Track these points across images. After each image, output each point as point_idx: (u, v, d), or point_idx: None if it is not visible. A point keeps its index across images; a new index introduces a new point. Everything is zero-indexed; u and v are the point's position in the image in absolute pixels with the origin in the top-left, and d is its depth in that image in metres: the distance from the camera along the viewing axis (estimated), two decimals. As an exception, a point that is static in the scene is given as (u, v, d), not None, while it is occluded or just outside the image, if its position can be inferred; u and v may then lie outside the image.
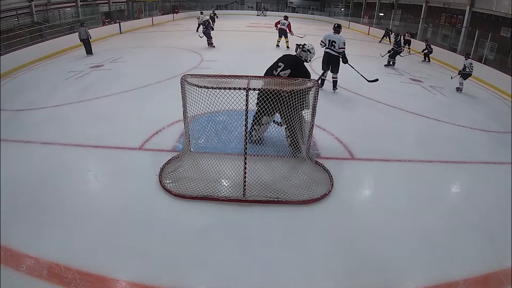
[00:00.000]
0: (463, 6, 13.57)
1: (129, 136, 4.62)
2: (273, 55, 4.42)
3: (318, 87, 3.52)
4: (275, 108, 3.37)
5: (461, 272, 2.61)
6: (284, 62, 4.07)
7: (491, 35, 11.09)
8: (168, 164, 3.88)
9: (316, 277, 2.54)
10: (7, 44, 9.37)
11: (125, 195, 3.41)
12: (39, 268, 2.47)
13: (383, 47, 14.68)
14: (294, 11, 32.51)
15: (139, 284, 2.40)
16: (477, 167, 4.41)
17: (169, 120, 5.06)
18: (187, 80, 3.38)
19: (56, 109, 5.66)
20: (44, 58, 9.91)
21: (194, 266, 2.59)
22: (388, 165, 4.24)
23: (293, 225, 3.07)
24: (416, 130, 5.48)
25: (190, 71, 7.30)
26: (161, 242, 2.81)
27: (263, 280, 2.49)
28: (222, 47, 11.73)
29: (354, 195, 3.67)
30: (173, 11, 25.02)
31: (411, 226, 3.16)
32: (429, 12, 16.77)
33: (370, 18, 23.07)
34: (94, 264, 2.52)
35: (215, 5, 29.42)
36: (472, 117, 6.22)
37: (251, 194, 3.33)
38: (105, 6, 18.66)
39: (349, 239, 2.94)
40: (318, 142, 4.61)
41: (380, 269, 2.63)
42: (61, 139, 4.50)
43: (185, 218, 3.11)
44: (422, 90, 8.04)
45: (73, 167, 3.90)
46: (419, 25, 16.32)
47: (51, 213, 3.10)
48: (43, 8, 14.07)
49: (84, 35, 10.01)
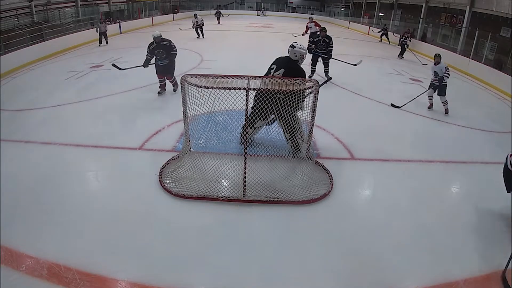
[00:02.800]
0: (463, 6, 13.56)
1: (129, 136, 4.63)
2: (273, 55, 4.42)
3: (318, 87, 3.52)
4: (271, 110, 3.37)
5: (461, 272, 2.61)
6: (276, 64, 4.14)
7: (491, 35, 11.09)
8: (168, 164, 3.88)
9: (316, 277, 2.55)
10: (7, 44, 9.37)
11: (125, 195, 3.41)
12: (39, 268, 2.47)
13: (384, 47, 14.70)
14: (294, 11, 32.53)
15: (139, 284, 2.40)
16: (477, 167, 4.41)
17: (169, 120, 5.06)
18: (187, 80, 3.38)
19: (56, 109, 5.66)
20: (44, 58, 9.91)
21: (194, 266, 2.59)
22: (388, 165, 4.24)
23: (293, 225, 3.07)
24: (416, 130, 5.48)
25: (190, 71, 7.30)
26: (161, 242, 2.81)
27: (263, 280, 2.49)
28: (222, 47, 11.73)
29: (354, 195, 3.67)
30: (173, 11, 25.03)
31: (411, 226, 3.16)
32: (429, 12, 16.75)
33: (370, 18, 23.06)
34: (94, 264, 2.52)
35: (215, 5, 29.41)
36: (472, 117, 6.22)
37: (251, 194, 3.33)
38: (105, 6, 18.65)
39: (349, 239, 2.94)
40: (318, 142, 4.61)
41: (380, 269, 2.63)
42: (61, 139, 4.50)
43: (185, 218, 3.11)
44: (422, 90, 8.01)
45: (73, 167, 3.90)
46: (419, 25, 16.30)
47: (51, 213, 3.11)
48: (43, 8, 14.05)
49: (103, 29, 12.15)
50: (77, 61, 9.50)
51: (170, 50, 6.06)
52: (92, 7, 17.19)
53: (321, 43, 7.52)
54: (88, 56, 10.14)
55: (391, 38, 15.59)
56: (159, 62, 6.10)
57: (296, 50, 4.05)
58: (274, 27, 19.95)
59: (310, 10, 32.14)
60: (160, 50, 6.00)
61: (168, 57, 6.07)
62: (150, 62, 6.11)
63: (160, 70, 6.21)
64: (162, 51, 6.00)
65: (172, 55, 6.10)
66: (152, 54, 6.05)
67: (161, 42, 6.01)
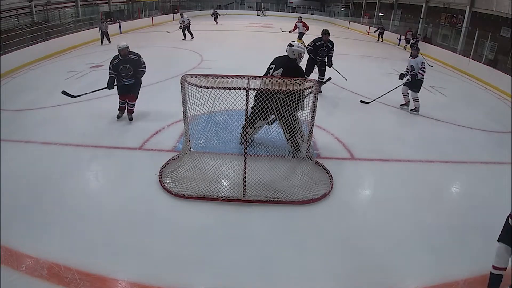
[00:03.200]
0: (463, 6, 13.56)
1: (129, 136, 4.63)
2: (273, 55, 4.42)
3: (318, 87, 3.52)
4: (271, 110, 3.38)
5: (461, 272, 2.61)
6: (275, 63, 4.17)
7: (491, 35, 11.09)
8: (168, 164, 3.89)
9: (316, 277, 2.54)
10: (7, 44, 9.37)
11: (125, 195, 3.41)
12: (39, 268, 2.47)
13: (383, 47, 14.70)
14: (294, 11, 32.52)
15: (139, 284, 2.40)
16: (477, 167, 4.41)
17: (169, 120, 5.06)
18: (187, 80, 3.38)
19: (56, 109, 5.66)
20: (44, 58, 9.91)
21: (194, 266, 2.59)
22: (388, 165, 4.24)
23: (293, 225, 3.07)
24: (416, 130, 5.48)
25: (190, 71, 7.29)
26: (161, 242, 2.81)
27: (263, 280, 2.49)
28: (222, 47, 11.74)
29: (354, 195, 3.67)
30: (173, 11, 25.03)
31: (411, 226, 3.16)
32: (429, 12, 16.76)
33: (370, 18, 23.06)
34: (94, 264, 2.52)
35: (215, 5, 29.42)
36: (472, 117, 6.21)
37: (251, 194, 3.33)
38: (105, 6, 18.66)
39: (349, 239, 2.94)
40: (318, 142, 4.61)
41: (380, 269, 2.63)
42: (61, 139, 4.50)
43: (185, 218, 3.12)
44: (422, 90, 8.01)
45: (73, 167, 3.90)
46: (419, 25, 16.30)
47: (51, 213, 3.11)
48: (43, 8, 14.06)
49: (104, 28, 12.44)
50: (77, 61, 9.50)
51: (138, 66, 4.93)
52: (92, 7, 17.20)
53: (323, 48, 6.67)
54: (88, 56, 10.15)
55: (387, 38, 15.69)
56: (124, 81, 4.93)
57: (294, 49, 4.06)
58: (274, 27, 19.95)
59: (310, 10, 32.17)
60: (127, 66, 4.84)
61: (135, 75, 4.96)
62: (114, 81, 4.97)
63: (124, 91, 5.02)
64: (129, 67, 4.85)
65: (140, 73, 4.99)
66: (116, 70, 4.86)
67: (128, 55, 4.85)
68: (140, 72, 4.98)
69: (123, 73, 4.87)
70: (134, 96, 5.07)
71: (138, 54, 5.00)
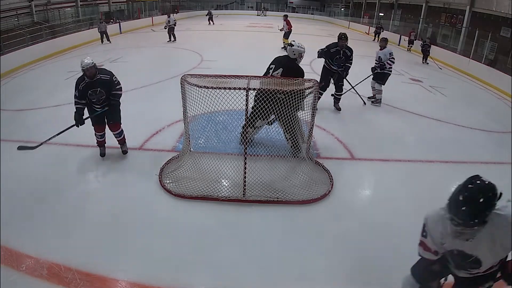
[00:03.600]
0: (463, 6, 13.57)
1: (129, 136, 4.61)
2: (273, 55, 4.42)
3: (318, 87, 3.52)
4: (271, 110, 3.38)
5: (461, 272, 2.61)
6: (275, 63, 4.16)
7: (491, 35, 11.10)
8: (168, 164, 3.89)
9: (316, 277, 2.55)
10: (7, 44, 9.38)
11: (125, 195, 3.41)
12: (39, 268, 2.47)
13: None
14: (294, 11, 32.54)
15: (139, 284, 2.40)
16: (477, 167, 4.40)
17: (169, 120, 5.06)
18: (187, 80, 3.38)
19: (56, 109, 5.66)
20: (44, 58, 9.91)
21: (194, 266, 2.59)
22: (388, 165, 4.24)
23: (293, 225, 3.07)
24: (416, 130, 5.47)
25: (190, 71, 7.29)
26: (161, 242, 2.80)
27: (263, 280, 2.49)
28: (222, 47, 11.74)
29: (354, 195, 3.67)
30: (173, 11, 25.04)
31: (411, 226, 3.13)
32: (429, 12, 16.78)
33: (370, 18, 23.07)
34: (94, 264, 2.52)
35: (215, 5, 29.42)
36: (472, 117, 6.21)
37: (251, 194, 3.33)
38: (105, 6, 18.67)
39: (349, 239, 2.93)
40: (318, 142, 4.61)
41: (380, 269, 2.63)
42: (61, 139, 4.49)
43: (185, 218, 3.11)
44: (422, 90, 8.04)
45: (73, 167, 3.90)
46: (419, 25, 16.31)
47: (51, 213, 3.11)
48: (43, 8, 14.09)
49: (103, 28, 12.51)
50: (77, 61, 9.36)
51: (111, 88, 3.76)
52: (92, 7, 17.22)
53: (339, 56, 5.49)
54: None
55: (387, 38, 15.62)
56: (96, 108, 3.81)
57: (294, 48, 4.05)
58: (274, 27, 19.93)
59: (310, 10, 32.18)
60: (97, 90, 3.67)
61: (109, 100, 3.80)
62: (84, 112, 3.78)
63: (100, 121, 3.91)
64: (100, 90, 3.69)
65: (115, 96, 3.82)
66: (83, 98, 3.69)
67: (97, 76, 3.66)
68: (116, 95, 3.82)
69: (93, 99, 3.71)
70: (117, 123, 3.98)
71: (110, 72, 3.83)
